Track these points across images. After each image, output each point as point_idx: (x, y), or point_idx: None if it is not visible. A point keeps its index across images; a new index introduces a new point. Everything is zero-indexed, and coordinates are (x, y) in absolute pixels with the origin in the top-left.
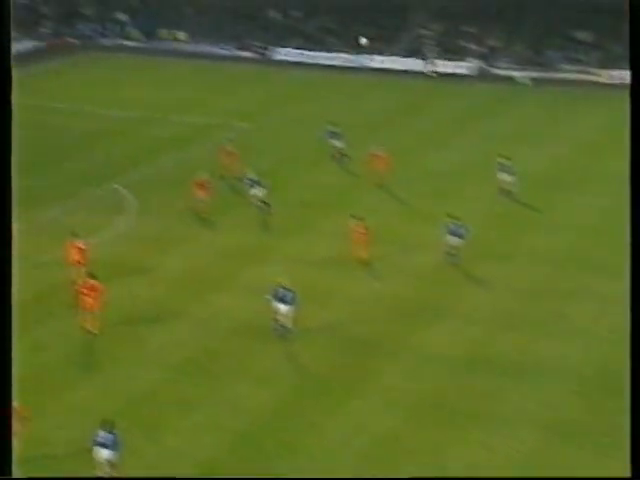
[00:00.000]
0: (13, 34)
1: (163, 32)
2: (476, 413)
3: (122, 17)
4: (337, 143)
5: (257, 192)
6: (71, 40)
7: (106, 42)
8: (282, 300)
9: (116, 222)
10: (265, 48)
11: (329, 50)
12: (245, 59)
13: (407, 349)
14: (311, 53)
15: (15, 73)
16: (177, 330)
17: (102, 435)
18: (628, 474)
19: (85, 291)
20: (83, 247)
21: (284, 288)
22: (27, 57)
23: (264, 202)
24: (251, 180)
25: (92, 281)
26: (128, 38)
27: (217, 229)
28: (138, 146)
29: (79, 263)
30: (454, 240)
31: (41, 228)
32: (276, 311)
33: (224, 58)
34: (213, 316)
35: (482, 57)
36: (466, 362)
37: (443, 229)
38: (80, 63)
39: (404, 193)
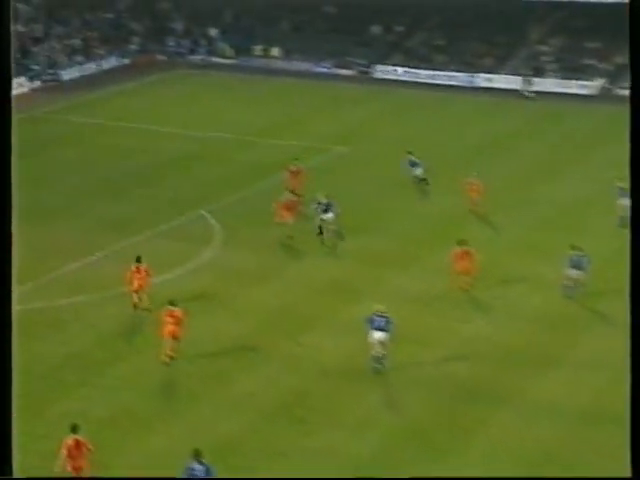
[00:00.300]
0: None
1: (256, 48)
2: (595, 470)
3: (213, 32)
4: (416, 171)
5: (328, 217)
6: (159, 57)
7: (195, 59)
8: (378, 327)
9: (201, 251)
10: (366, 66)
11: (435, 68)
12: (344, 77)
13: (517, 396)
14: (416, 71)
15: (99, 92)
16: (264, 370)
17: (195, 467)
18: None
19: (166, 318)
20: (145, 271)
21: (380, 315)
22: (112, 74)
23: (336, 228)
24: (321, 204)
25: (173, 308)
26: (219, 54)
27: (307, 260)
28: (227, 171)
29: (140, 287)
30: (575, 273)
31: (124, 256)
32: (372, 340)
33: (321, 76)
34: (303, 356)
35: (606, 75)
36: (585, 413)
37: (564, 260)
38: (168, 81)
39: (511, 224)
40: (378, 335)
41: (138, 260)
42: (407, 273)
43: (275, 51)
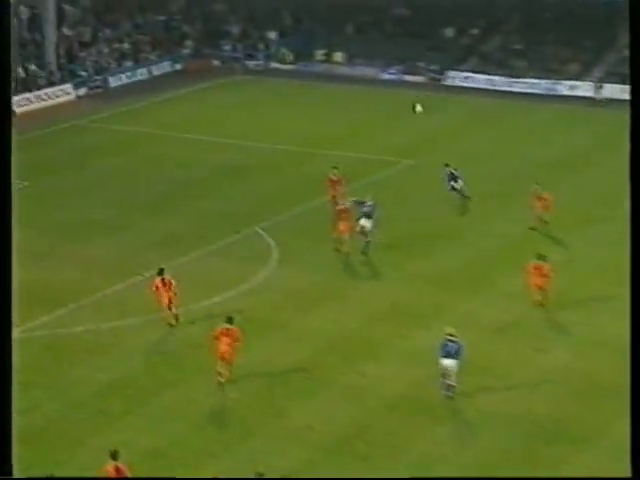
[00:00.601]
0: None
1: (317, 53)
2: None
3: (271, 36)
4: (455, 184)
5: (366, 223)
6: (213, 62)
7: (252, 64)
8: (448, 354)
9: (255, 271)
10: (438, 72)
11: (513, 74)
12: (413, 84)
13: (603, 435)
14: (492, 77)
15: (148, 99)
16: (322, 401)
17: None
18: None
19: (221, 337)
20: (171, 283)
21: (450, 339)
22: (163, 81)
23: (369, 240)
24: (364, 205)
25: (229, 326)
26: (277, 59)
27: (368, 280)
28: (284, 184)
29: (171, 301)
30: None
31: (175, 278)
32: (441, 368)
33: (388, 83)
34: (364, 386)
35: None
36: None
37: None
38: (222, 88)
39: (590, 244)
40: (448, 362)
41: (161, 273)
42: (477, 297)
43: (338, 56)
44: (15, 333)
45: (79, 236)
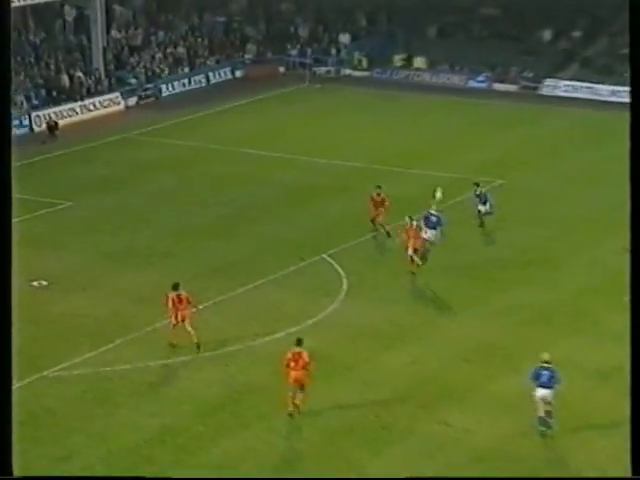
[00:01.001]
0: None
1: (396, 58)
2: None
3: (344, 39)
4: (482, 206)
5: (430, 235)
6: (279, 68)
7: (323, 70)
8: (543, 384)
9: (322, 303)
10: (534, 79)
11: (619, 82)
12: (504, 94)
13: None
14: (595, 86)
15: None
16: (400, 453)
17: None
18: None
19: (291, 363)
20: (187, 300)
21: (545, 366)
22: (222, 89)
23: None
24: (430, 216)
25: (300, 350)
26: (350, 65)
27: (451, 314)
28: (355, 206)
29: (184, 319)
30: None
31: (230, 309)
32: (536, 399)
33: (475, 92)
34: (449, 436)
35: None
36: None
37: None
38: (288, 97)
39: None
40: (543, 393)
41: (176, 288)
42: (577, 336)
43: (419, 61)
44: (54, 371)
45: (127, 263)
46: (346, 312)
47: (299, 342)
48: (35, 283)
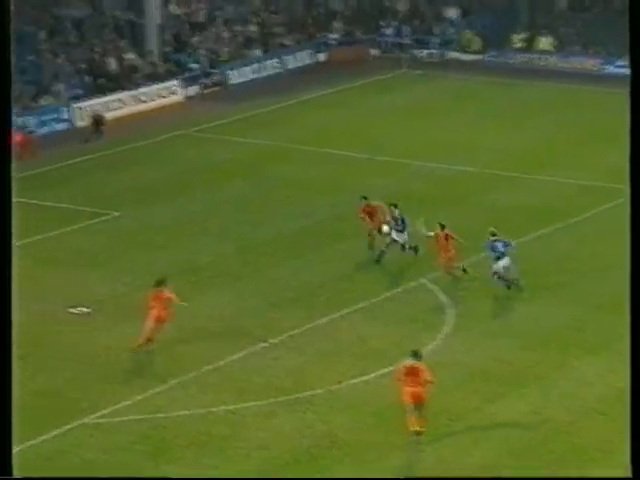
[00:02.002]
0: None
1: (515, 38)
2: None
3: (452, 15)
4: (497, 266)
5: (499, 265)
6: (371, 50)
7: (425, 54)
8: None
9: (421, 339)
10: None
11: None
12: None
13: None
14: None
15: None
16: None
17: None
18: None
19: (403, 377)
20: (169, 300)
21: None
22: (301, 76)
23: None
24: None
25: (414, 362)
26: (459, 47)
27: (579, 355)
28: (465, 219)
29: (161, 320)
30: None
31: (310, 344)
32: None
33: (613, 79)
34: None
35: None
36: None
37: None
38: (382, 86)
39: None
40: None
41: (159, 284)
42: None
43: (544, 42)
44: (96, 417)
45: (182, 286)
46: (450, 350)
47: (415, 355)
48: (74, 310)
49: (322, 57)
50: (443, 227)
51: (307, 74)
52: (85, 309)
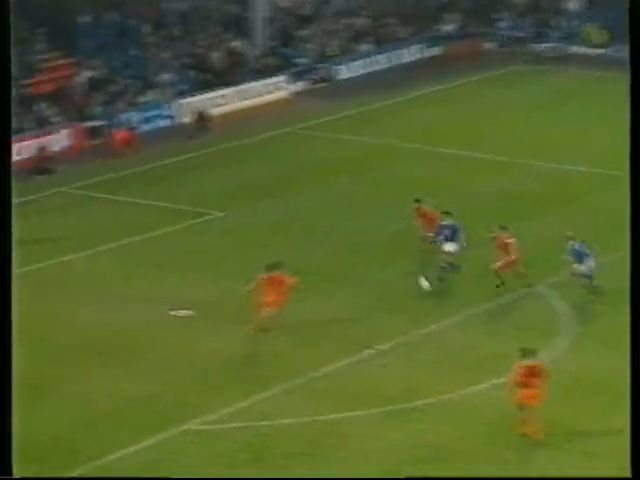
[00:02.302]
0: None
1: None
2: None
3: (572, 6)
4: (578, 267)
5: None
6: (486, 44)
7: (544, 47)
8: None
9: (537, 346)
10: None
11: None
12: None
13: None
14: None
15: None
16: None
17: None
18: None
19: (525, 379)
20: (287, 285)
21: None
22: (414, 71)
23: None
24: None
25: (530, 362)
26: (583, 41)
27: None
28: (589, 220)
29: (275, 304)
30: None
31: (413, 355)
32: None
33: None
34: None
35: None
36: None
37: None
38: (498, 81)
39: None
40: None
41: (273, 267)
42: None
43: None
44: (198, 424)
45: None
46: (568, 362)
47: (527, 353)
48: (177, 312)
49: (434, 51)
50: (504, 228)
51: (418, 69)
52: (187, 311)
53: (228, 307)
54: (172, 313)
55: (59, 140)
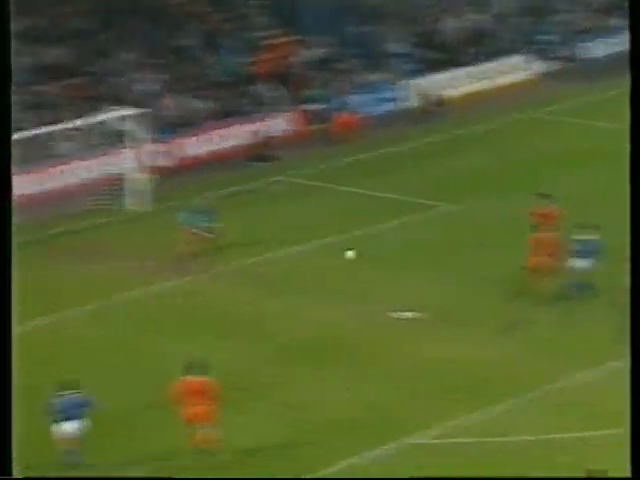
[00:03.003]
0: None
1: None
2: None
3: None
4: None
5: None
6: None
7: None
8: None
9: None
10: None
11: None
12: None
13: None
14: None
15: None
16: None
17: None
18: None
19: None
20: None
21: None
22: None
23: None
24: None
25: None
26: None
27: None
28: None
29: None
30: None
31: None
32: None
33: None
34: None
35: None
36: None
37: None
38: None
39: None
40: None
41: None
42: None
43: None
44: (422, 437)
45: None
46: None
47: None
48: (398, 314)
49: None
50: None
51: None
52: (410, 313)
53: (456, 310)
54: (392, 315)
55: (278, 124)
